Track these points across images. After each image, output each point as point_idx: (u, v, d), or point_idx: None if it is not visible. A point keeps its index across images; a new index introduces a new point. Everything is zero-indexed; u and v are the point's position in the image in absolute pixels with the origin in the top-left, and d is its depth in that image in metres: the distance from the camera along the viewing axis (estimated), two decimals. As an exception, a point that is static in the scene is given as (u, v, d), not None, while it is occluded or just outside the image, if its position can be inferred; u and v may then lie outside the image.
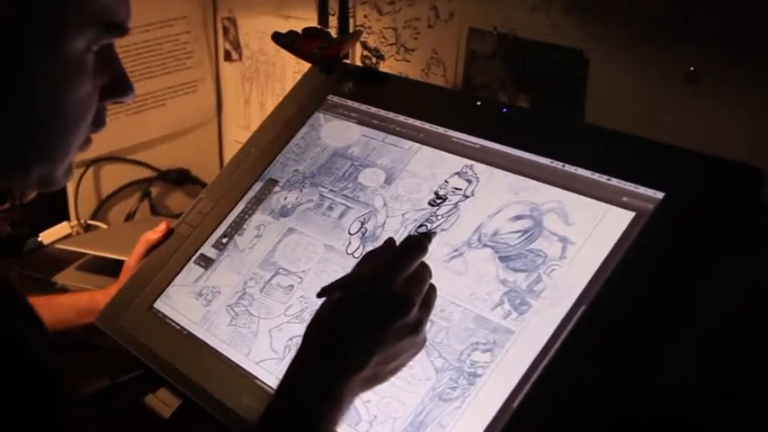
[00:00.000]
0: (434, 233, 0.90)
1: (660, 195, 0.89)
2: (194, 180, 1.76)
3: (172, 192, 1.77)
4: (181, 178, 1.76)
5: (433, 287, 0.84)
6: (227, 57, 1.76)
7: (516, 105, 1.21)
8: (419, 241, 0.83)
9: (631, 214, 0.89)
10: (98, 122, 0.81)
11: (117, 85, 0.81)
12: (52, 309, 1.20)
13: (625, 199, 0.91)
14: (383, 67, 1.43)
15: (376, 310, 0.79)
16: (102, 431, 1.08)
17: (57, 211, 1.64)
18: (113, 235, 1.58)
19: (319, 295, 0.81)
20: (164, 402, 1.10)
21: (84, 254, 1.45)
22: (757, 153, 0.98)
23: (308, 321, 0.81)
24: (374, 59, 1.44)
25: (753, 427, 0.93)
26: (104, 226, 1.65)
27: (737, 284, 0.89)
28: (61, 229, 1.59)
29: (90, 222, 1.64)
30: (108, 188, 1.69)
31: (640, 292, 0.84)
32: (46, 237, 1.57)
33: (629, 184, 0.91)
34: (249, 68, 1.71)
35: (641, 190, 0.90)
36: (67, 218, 1.63)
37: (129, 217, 1.70)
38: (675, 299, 0.84)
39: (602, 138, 0.99)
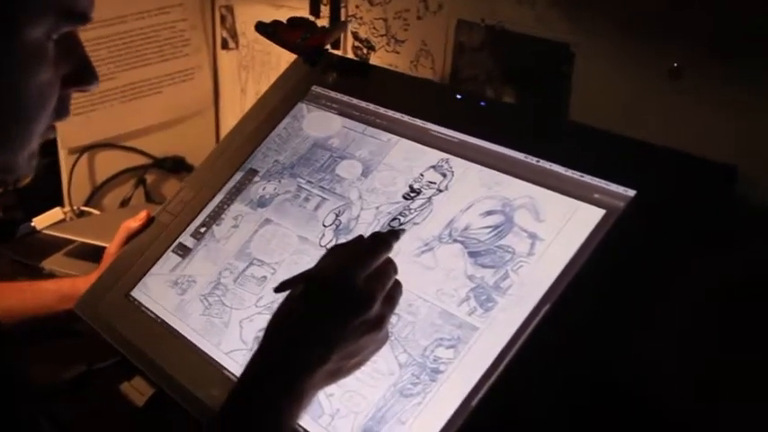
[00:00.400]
0: (403, 231, 0.89)
1: (631, 193, 0.88)
2: (190, 168, 1.75)
3: (167, 179, 1.77)
4: (176, 166, 1.75)
5: (397, 284, 0.83)
6: (225, 45, 1.75)
7: (494, 99, 1.20)
8: (384, 238, 0.83)
9: (602, 212, 0.88)
10: (61, 111, 0.81)
11: (80, 74, 0.80)
12: (35, 294, 1.21)
13: (596, 196, 0.90)
14: (374, 59, 1.42)
15: (336, 306, 0.78)
16: (76, 418, 1.08)
17: (51, 196, 1.65)
18: (105, 222, 1.58)
19: (277, 290, 0.81)
20: (138, 390, 1.10)
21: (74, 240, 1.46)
22: (739, 150, 0.96)
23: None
24: (365, 50, 1.43)
25: (722, 424, 0.92)
26: (97, 212, 1.65)
27: (708, 283, 0.88)
28: (54, 214, 1.59)
29: (83, 209, 1.64)
30: (102, 175, 1.69)
31: (606, 291, 0.83)
32: (39, 222, 1.57)
33: (600, 180, 0.90)
34: (245, 57, 1.71)
35: (613, 187, 0.89)
36: (62, 204, 1.64)
37: (124, 204, 1.70)
38: (642, 297, 0.83)
39: (577, 133, 0.98)
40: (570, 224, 0.89)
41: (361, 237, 0.86)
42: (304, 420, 0.88)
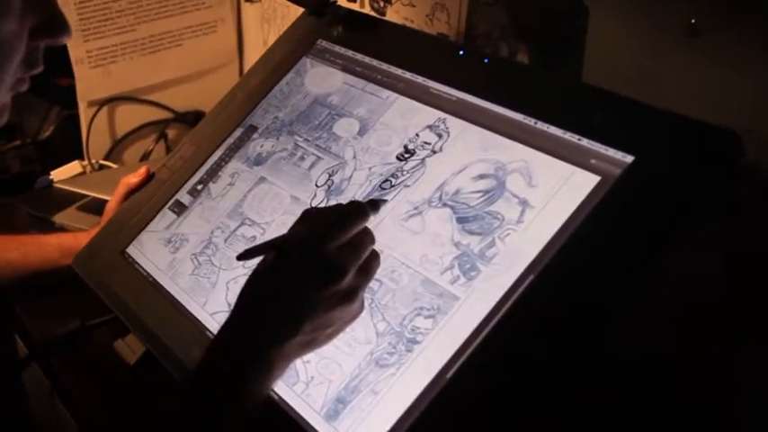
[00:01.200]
0: (384, 201, 0.85)
1: (629, 159, 0.82)
2: (212, 123, 1.73)
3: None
4: (198, 120, 1.72)
5: (375, 254, 0.80)
6: (248, -3, 1.71)
7: (498, 56, 1.14)
8: (361, 207, 0.80)
9: (597, 178, 0.82)
10: (31, 63, 0.78)
11: (49, 25, 0.77)
12: (37, 248, 1.21)
13: (593, 161, 0.84)
14: (390, 12, 1.37)
15: (306, 277, 0.75)
16: (66, 374, 1.08)
17: (72, 149, 1.64)
18: (120, 176, 1.57)
19: (239, 258, 0.78)
20: (131, 348, 1.09)
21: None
22: (758, 113, 0.90)
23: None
24: (382, 3, 1.38)
25: (709, 399, 0.86)
26: (116, 167, 1.64)
27: (709, 255, 0.82)
28: (72, 168, 1.59)
29: (103, 162, 1.64)
30: (123, 128, 1.68)
31: (595, 264, 0.78)
32: (57, 175, 1.57)
33: (598, 145, 0.84)
34: (267, 10, 1.67)
35: (610, 152, 0.83)
36: (82, 157, 1.63)
37: (145, 158, 1.69)
38: (634, 271, 0.78)
39: (578, 94, 0.92)
40: (562, 191, 0.83)
41: (338, 205, 0.83)
42: (279, 387, 0.85)
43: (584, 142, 0.85)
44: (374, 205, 0.81)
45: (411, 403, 0.78)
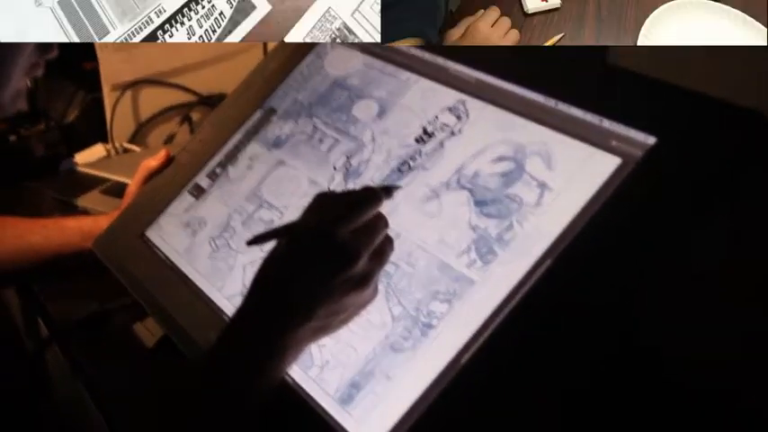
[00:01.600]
0: (398, 187, 0.84)
1: (651, 141, 0.79)
2: (236, 106, 1.73)
3: (213, 117, 1.74)
4: (222, 103, 1.73)
5: (388, 239, 0.79)
6: (272, -21, 1.70)
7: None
8: (373, 192, 0.78)
9: (618, 160, 0.80)
10: (45, 47, 0.79)
11: None
12: (59, 231, 1.21)
13: (614, 143, 0.82)
14: (413, -7, 1.34)
15: (318, 262, 0.75)
16: (86, 357, 1.08)
17: (97, 133, 1.65)
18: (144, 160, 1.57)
19: (249, 243, 0.78)
20: (150, 332, 1.09)
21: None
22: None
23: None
24: (405, -16, 1.36)
25: (734, 382, 0.84)
26: (139, 150, 1.64)
27: (724, 239, 0.80)
28: (96, 151, 1.59)
29: (127, 146, 1.64)
30: (147, 112, 1.68)
31: (614, 248, 0.76)
32: (81, 158, 1.58)
33: (620, 126, 0.82)
34: (291, -8, 1.65)
35: (632, 134, 0.81)
36: (106, 140, 1.64)
37: (169, 141, 1.69)
38: (655, 256, 0.76)
39: (600, 75, 0.90)
40: (582, 173, 0.82)
41: (351, 190, 0.82)
42: (293, 371, 0.85)
43: (606, 123, 0.83)
44: (388, 191, 0.79)
45: (425, 389, 0.77)
